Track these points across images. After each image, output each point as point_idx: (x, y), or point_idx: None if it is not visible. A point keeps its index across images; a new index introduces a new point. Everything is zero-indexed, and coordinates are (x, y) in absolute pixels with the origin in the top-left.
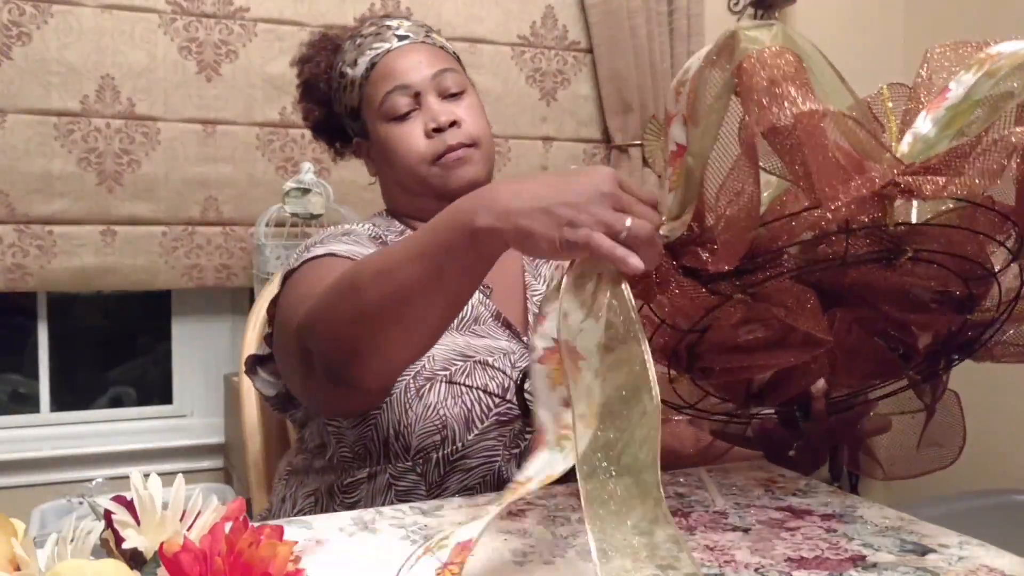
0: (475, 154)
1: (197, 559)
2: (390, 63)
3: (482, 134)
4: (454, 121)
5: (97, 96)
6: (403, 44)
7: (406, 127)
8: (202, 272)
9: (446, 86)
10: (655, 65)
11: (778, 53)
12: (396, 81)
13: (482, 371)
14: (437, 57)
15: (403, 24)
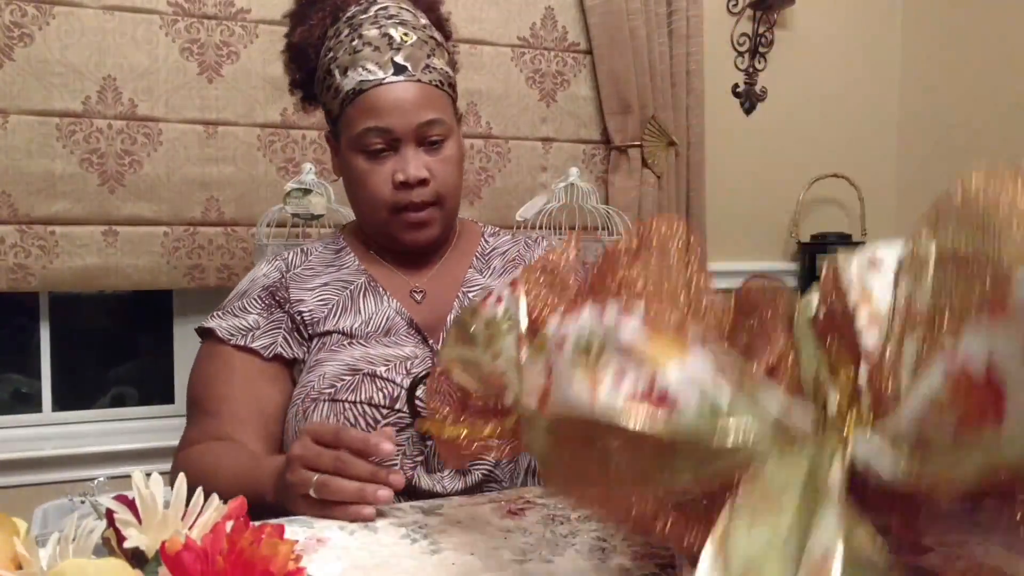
0: (436, 215)
1: (199, 558)
2: (378, 98)
3: (449, 191)
4: (423, 179)
5: (99, 97)
6: (397, 80)
7: (375, 167)
8: (203, 272)
9: (428, 136)
10: (654, 66)
11: None
12: (378, 121)
13: (369, 383)
14: (428, 102)
15: (407, 41)
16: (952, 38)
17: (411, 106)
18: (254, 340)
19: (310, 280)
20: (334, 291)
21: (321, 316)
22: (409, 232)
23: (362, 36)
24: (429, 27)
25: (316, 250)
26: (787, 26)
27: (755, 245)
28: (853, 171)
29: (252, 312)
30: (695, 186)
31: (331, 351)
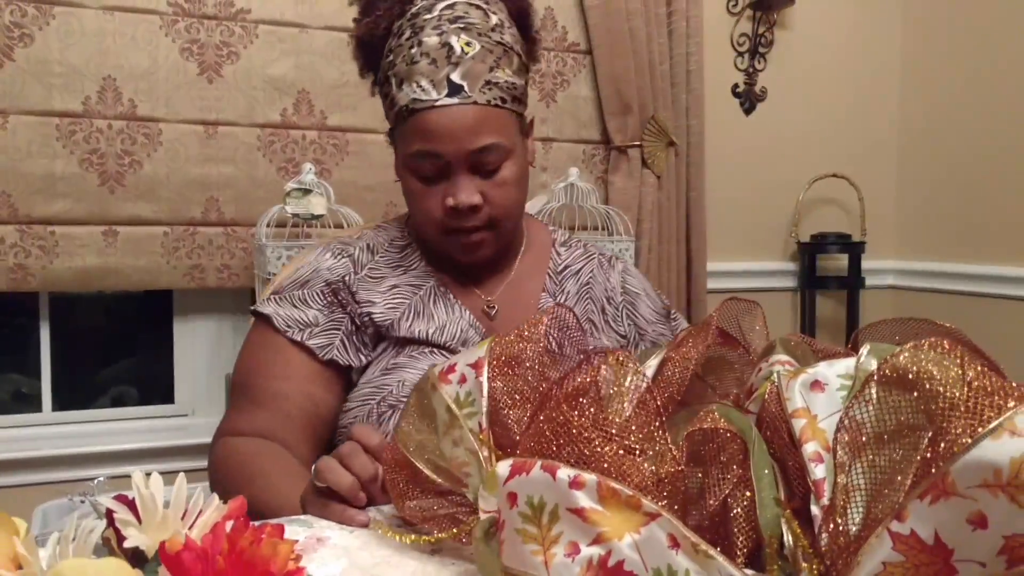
0: (488, 238)
1: (198, 558)
2: (429, 122)
3: (506, 213)
4: (475, 205)
5: (99, 97)
6: (451, 103)
7: (427, 189)
8: (203, 272)
9: (483, 162)
10: (654, 66)
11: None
12: (429, 145)
13: None
14: (484, 126)
15: (468, 53)
16: (952, 38)
17: (464, 132)
18: (311, 337)
19: (379, 283)
20: (404, 294)
21: (395, 318)
22: (462, 253)
23: (422, 44)
24: (501, 27)
25: (382, 247)
26: (787, 26)
27: (755, 245)
28: (853, 171)
29: (313, 307)
30: (695, 186)
31: (411, 357)
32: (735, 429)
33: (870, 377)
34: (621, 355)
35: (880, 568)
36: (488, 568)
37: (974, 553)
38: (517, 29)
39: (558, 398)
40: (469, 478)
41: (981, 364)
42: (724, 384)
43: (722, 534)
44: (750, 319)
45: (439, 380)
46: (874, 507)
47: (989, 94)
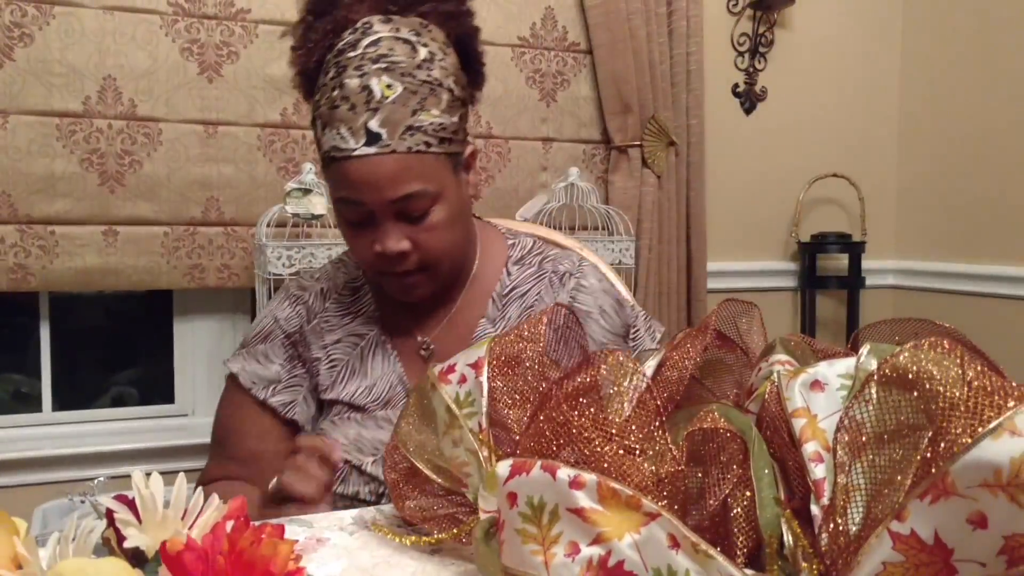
0: (422, 280)
1: (199, 558)
2: (348, 172)
3: (438, 256)
4: (403, 251)
5: (99, 97)
6: (368, 153)
7: (357, 233)
8: (204, 272)
9: (406, 210)
10: (654, 66)
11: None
12: (350, 194)
13: (357, 478)
14: (405, 175)
15: (388, 97)
16: (952, 38)
17: (384, 182)
18: (275, 395)
19: (326, 335)
20: (345, 349)
21: (329, 382)
22: (398, 294)
23: (343, 86)
24: (430, 61)
25: (336, 291)
26: (787, 26)
27: (755, 245)
28: (853, 171)
29: (275, 361)
30: (695, 186)
31: (333, 423)
32: (735, 429)
33: (870, 377)
34: (621, 355)
35: (880, 568)
36: (488, 568)
37: (974, 553)
38: (458, 56)
39: (558, 398)
40: (469, 478)
41: (981, 364)
42: (721, 387)
43: (722, 534)
44: (748, 320)
45: (439, 380)
46: (874, 507)
47: (989, 94)
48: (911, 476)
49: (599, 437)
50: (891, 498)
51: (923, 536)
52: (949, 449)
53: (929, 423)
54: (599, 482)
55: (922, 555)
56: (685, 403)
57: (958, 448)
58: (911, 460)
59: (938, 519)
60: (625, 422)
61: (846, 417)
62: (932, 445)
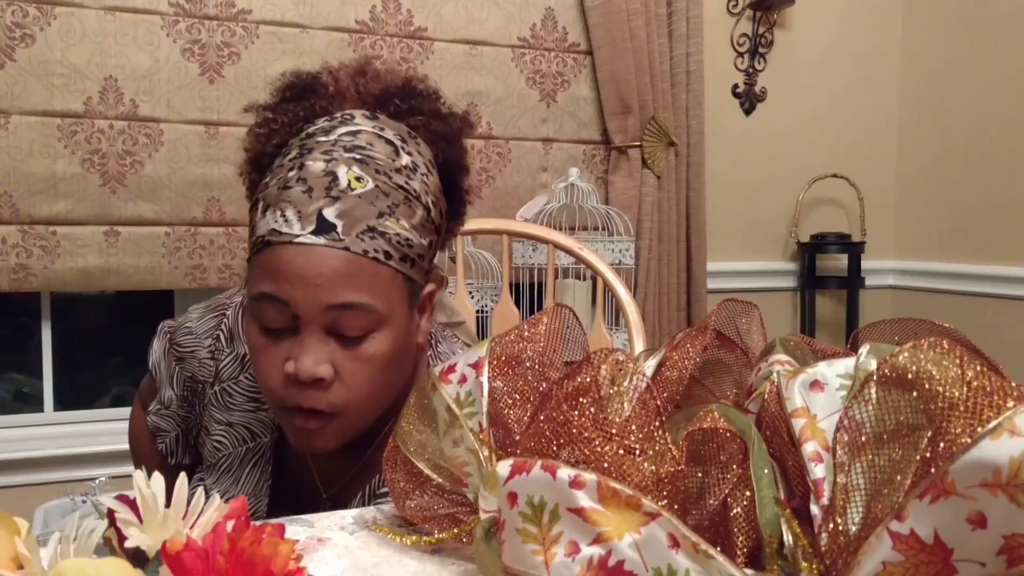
0: (330, 428)
1: (199, 557)
2: (282, 260)
3: (359, 402)
4: (320, 379)
5: (100, 97)
6: (315, 242)
7: (269, 345)
8: (205, 272)
9: (341, 325)
10: (654, 67)
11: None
12: (276, 289)
13: None
14: (352, 279)
15: (355, 189)
16: (952, 38)
17: (322, 280)
18: (156, 415)
19: (224, 411)
20: (235, 440)
21: (207, 466)
22: (296, 438)
23: (303, 167)
24: (411, 170)
25: (249, 373)
26: (787, 26)
27: (755, 245)
28: (853, 171)
29: (175, 389)
30: (695, 186)
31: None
32: (735, 429)
33: (870, 377)
34: (621, 355)
35: (880, 568)
36: (488, 568)
37: (974, 553)
38: (441, 181)
39: (558, 398)
40: (469, 478)
41: (981, 364)
42: (721, 387)
43: (722, 534)
44: (747, 320)
45: (439, 380)
46: (874, 507)
47: (989, 94)
48: (911, 476)
49: (599, 437)
50: (891, 498)
51: (923, 536)
52: (949, 449)
53: (928, 423)
54: (599, 482)
55: (922, 555)
56: (685, 403)
57: (957, 448)
58: (911, 460)
59: (938, 519)
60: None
61: (846, 417)
62: (932, 445)
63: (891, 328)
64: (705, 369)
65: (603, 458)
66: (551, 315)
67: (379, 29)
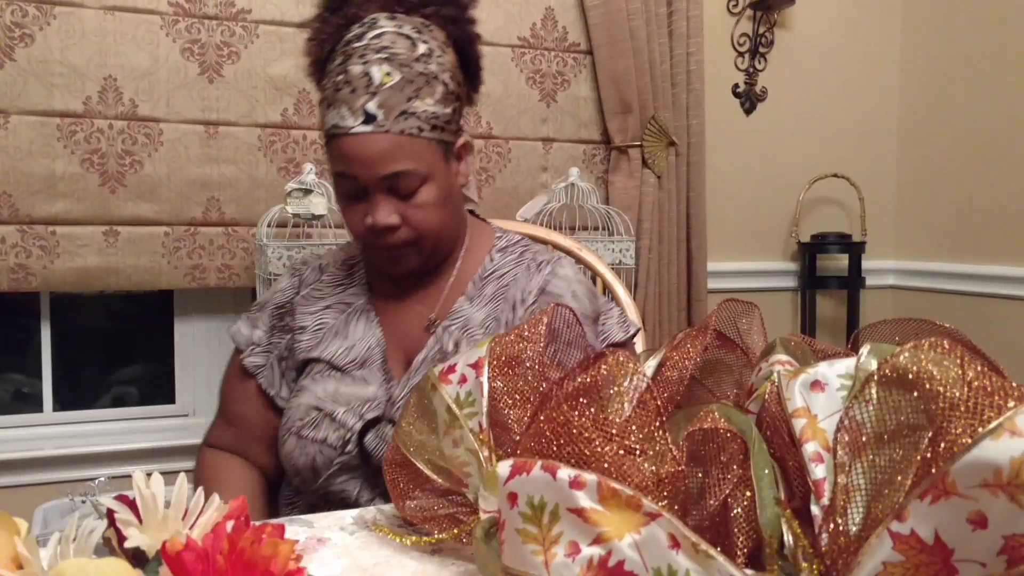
0: (409, 252)
1: (199, 558)
2: (345, 148)
3: (426, 233)
4: (392, 226)
5: (100, 97)
6: (365, 131)
7: (351, 206)
8: (204, 272)
9: (396, 187)
10: (654, 66)
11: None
12: (346, 168)
13: (328, 425)
14: (396, 153)
15: (386, 83)
16: (952, 38)
17: (376, 158)
18: (251, 355)
19: (316, 303)
20: (333, 315)
21: (314, 343)
22: (386, 265)
23: (347, 72)
24: (428, 56)
25: (334, 265)
26: (787, 26)
27: (755, 245)
28: (853, 171)
29: (260, 328)
30: (695, 186)
31: (313, 379)
32: (735, 429)
33: (870, 377)
34: (621, 355)
35: (880, 568)
36: (488, 568)
37: (974, 553)
38: (457, 56)
39: (558, 398)
40: (469, 478)
41: (981, 364)
42: (722, 387)
43: (722, 534)
44: (748, 320)
45: (439, 380)
46: (874, 507)
47: (989, 94)
48: (911, 476)
49: (599, 437)
50: (891, 498)
51: (923, 536)
52: (949, 449)
53: (929, 423)
54: (599, 482)
55: (922, 555)
56: (685, 403)
57: (958, 448)
58: (911, 460)
59: (938, 519)
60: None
61: (846, 417)
62: (932, 445)
63: (892, 328)
64: (705, 369)
65: (603, 458)
66: (551, 315)
67: None
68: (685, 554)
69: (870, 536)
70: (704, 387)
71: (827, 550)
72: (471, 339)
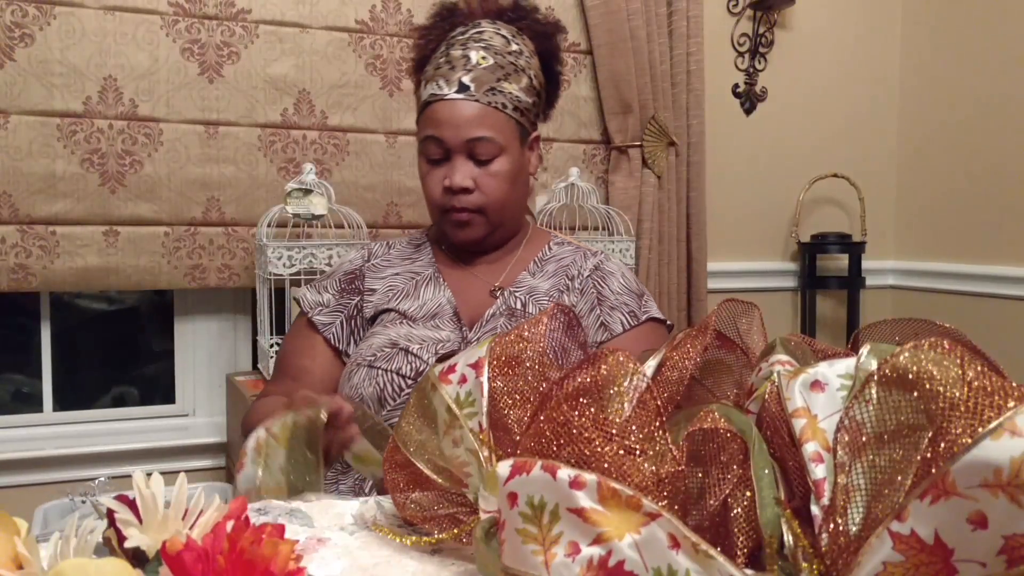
0: (477, 219)
1: (199, 558)
2: (438, 112)
3: (493, 202)
4: (466, 188)
5: (100, 97)
6: (457, 97)
7: (432, 170)
8: (204, 272)
9: (476, 152)
10: (654, 66)
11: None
12: (435, 131)
13: (402, 357)
14: (481, 121)
15: (481, 64)
16: (952, 37)
17: (463, 122)
18: (320, 314)
19: (384, 270)
20: (403, 280)
21: (387, 299)
22: (453, 230)
23: (448, 55)
24: (519, 53)
25: (400, 244)
26: (787, 26)
27: (755, 245)
28: (853, 171)
29: (329, 291)
30: (695, 186)
31: (384, 326)
32: (735, 429)
33: (870, 377)
34: (621, 355)
35: (880, 568)
36: (488, 568)
37: (974, 553)
38: (541, 67)
39: (558, 398)
40: (469, 478)
41: (981, 364)
42: (722, 387)
43: (722, 534)
44: (748, 320)
45: (439, 380)
46: (874, 507)
47: (989, 94)
48: (911, 476)
49: (599, 437)
50: (891, 498)
51: (923, 536)
52: (949, 449)
53: (929, 423)
54: (599, 482)
55: (922, 555)
56: (685, 403)
57: (958, 448)
58: (911, 460)
59: (938, 519)
60: (625, 422)
61: (846, 417)
62: (932, 445)
63: (892, 328)
64: (705, 369)
65: (603, 458)
66: (551, 315)
67: (379, 29)
68: (685, 554)
69: (870, 536)
70: (704, 387)
71: (827, 550)
72: (537, 302)
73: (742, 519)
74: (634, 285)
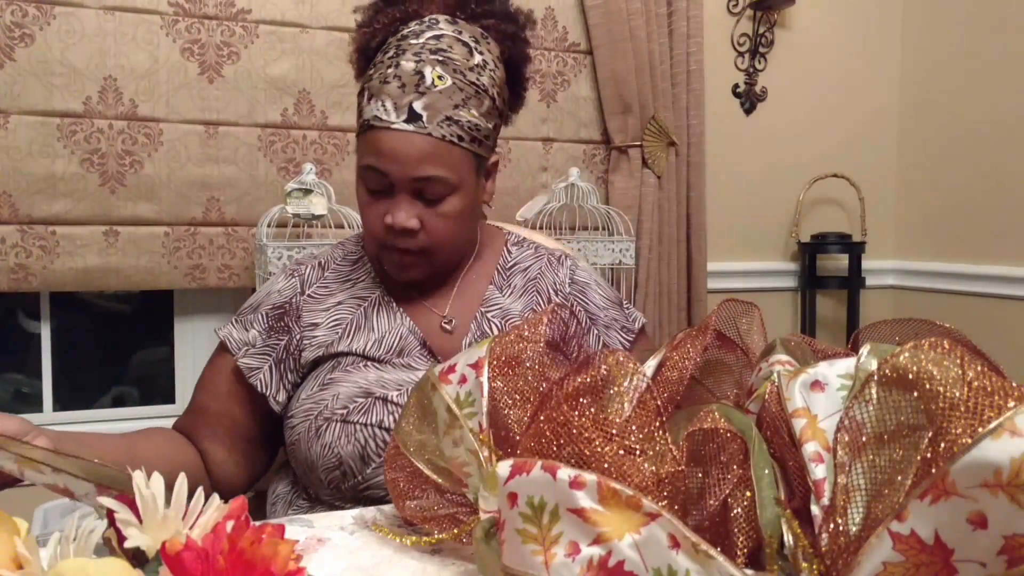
0: (421, 261)
1: (199, 558)
2: (383, 142)
3: (441, 244)
4: (411, 229)
5: (100, 97)
6: (406, 128)
7: (372, 202)
8: (204, 272)
9: (424, 191)
10: (654, 66)
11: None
12: (377, 163)
13: (381, 407)
14: (432, 158)
15: (437, 86)
16: (952, 38)
17: (411, 159)
18: (244, 356)
19: (324, 300)
20: (348, 309)
21: (335, 338)
22: (393, 269)
23: (399, 66)
24: (482, 67)
25: (334, 262)
26: (787, 26)
27: (755, 245)
28: (853, 171)
29: (254, 328)
30: (695, 186)
31: (346, 371)
32: (735, 429)
33: (870, 377)
34: (621, 355)
35: (880, 568)
36: (488, 568)
37: (974, 553)
38: (507, 74)
39: (558, 398)
40: (469, 478)
41: (981, 364)
42: (722, 387)
43: (722, 534)
44: (748, 320)
45: (439, 380)
46: (874, 507)
47: (989, 94)
48: (911, 476)
49: (599, 437)
50: (891, 498)
51: (923, 536)
52: (949, 449)
53: (929, 423)
54: (599, 482)
55: (922, 555)
56: (685, 403)
57: (958, 448)
58: (911, 460)
59: (938, 519)
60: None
61: (846, 417)
62: (932, 445)
63: (892, 328)
64: (705, 369)
65: (603, 458)
66: (551, 315)
67: None
68: (685, 554)
69: (870, 536)
70: (704, 387)
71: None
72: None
73: (742, 519)
74: (610, 292)
